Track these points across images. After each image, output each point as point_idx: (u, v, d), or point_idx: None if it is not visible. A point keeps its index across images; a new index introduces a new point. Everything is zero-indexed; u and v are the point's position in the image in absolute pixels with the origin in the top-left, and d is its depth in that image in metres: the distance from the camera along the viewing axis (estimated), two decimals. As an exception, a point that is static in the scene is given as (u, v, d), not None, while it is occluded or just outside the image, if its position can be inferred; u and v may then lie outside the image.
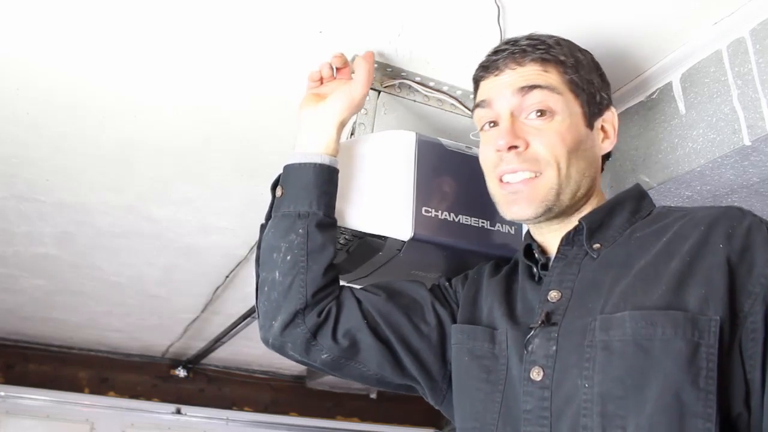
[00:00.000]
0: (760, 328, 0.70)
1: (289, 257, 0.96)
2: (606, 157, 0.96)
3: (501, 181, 0.89)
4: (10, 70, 1.26)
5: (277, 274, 0.96)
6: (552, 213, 0.88)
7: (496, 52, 0.93)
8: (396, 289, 1.02)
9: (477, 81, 0.96)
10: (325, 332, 0.96)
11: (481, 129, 0.94)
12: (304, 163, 0.99)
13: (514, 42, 0.92)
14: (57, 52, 1.20)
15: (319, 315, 0.96)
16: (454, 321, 0.99)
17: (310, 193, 0.97)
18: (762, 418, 0.69)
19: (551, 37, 0.93)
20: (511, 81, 0.89)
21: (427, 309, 1.00)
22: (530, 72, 0.89)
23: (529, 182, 0.86)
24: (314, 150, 1.00)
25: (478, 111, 0.94)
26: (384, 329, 0.97)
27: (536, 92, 0.87)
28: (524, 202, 0.87)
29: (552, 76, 0.89)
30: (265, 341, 1.00)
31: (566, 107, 0.88)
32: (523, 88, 0.88)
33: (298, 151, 1.01)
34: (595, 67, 0.96)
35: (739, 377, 0.70)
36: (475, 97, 0.97)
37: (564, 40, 0.94)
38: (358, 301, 0.99)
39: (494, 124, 0.91)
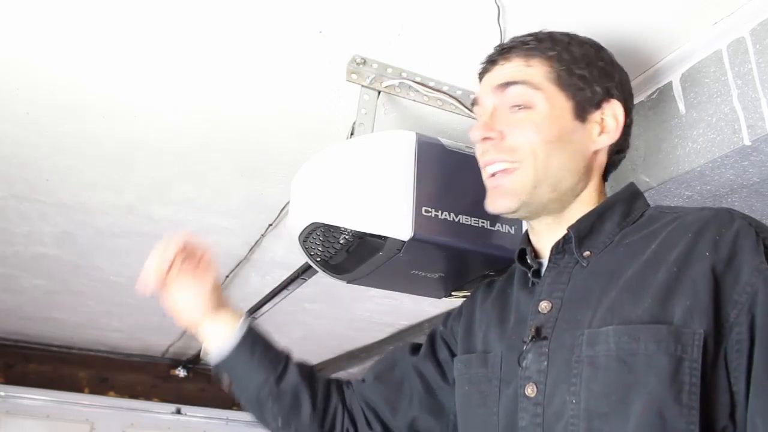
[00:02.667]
0: (745, 339, 0.68)
1: (279, 421, 1.04)
2: (614, 152, 0.93)
3: (486, 172, 0.90)
4: (10, 70, 1.26)
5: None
6: (530, 207, 0.87)
7: (497, 47, 0.94)
8: (383, 369, 1.10)
9: (479, 77, 0.97)
10: None
11: None
12: (227, 358, 1.04)
13: (519, 38, 0.92)
14: (57, 52, 1.20)
15: None
16: (445, 370, 1.04)
17: (254, 371, 1.03)
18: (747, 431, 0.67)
19: (551, 33, 0.92)
20: (494, 78, 0.91)
21: (412, 379, 1.06)
22: (512, 68, 0.89)
23: (506, 174, 0.86)
24: (223, 341, 1.04)
25: (475, 109, 0.95)
26: (382, 420, 1.06)
27: (513, 88, 0.88)
28: (501, 195, 0.87)
29: (534, 71, 0.88)
30: None
31: (546, 101, 0.87)
32: (500, 85, 0.89)
33: (214, 350, 1.05)
34: (596, 59, 0.92)
35: (724, 389, 0.68)
36: None
37: (567, 34, 0.93)
38: (361, 404, 1.07)
39: None
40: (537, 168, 0.85)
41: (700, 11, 1.04)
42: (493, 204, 0.89)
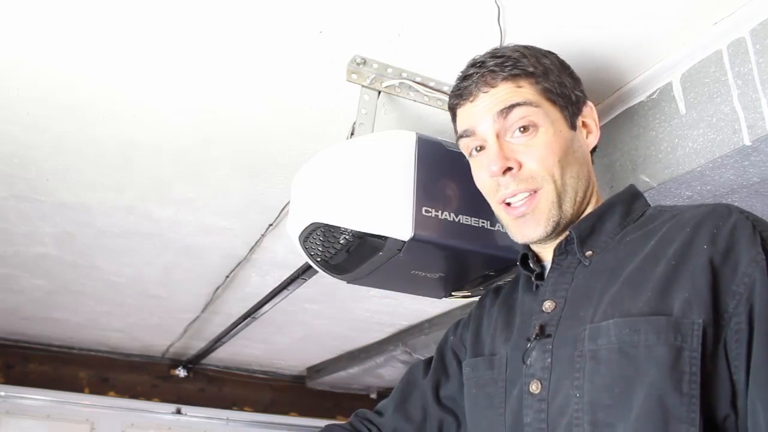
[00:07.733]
0: (745, 329, 0.69)
1: None
2: (592, 150, 0.96)
3: (504, 203, 0.89)
4: (10, 70, 1.26)
5: None
6: (560, 227, 0.88)
7: (465, 77, 0.92)
8: (401, 400, 1.10)
9: (453, 109, 0.96)
10: None
11: (470, 155, 0.94)
12: None
13: (480, 64, 0.91)
14: (57, 52, 1.20)
15: None
16: (455, 384, 1.05)
17: None
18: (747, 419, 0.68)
19: (515, 50, 0.92)
20: (488, 105, 0.89)
21: (430, 406, 1.06)
22: (504, 92, 0.88)
23: (530, 201, 0.86)
24: None
25: (463, 141, 0.93)
26: None
27: (516, 110, 0.87)
28: (532, 224, 0.87)
29: (526, 90, 0.88)
30: None
31: (546, 117, 0.88)
32: (502, 110, 0.87)
33: None
34: (563, 67, 0.95)
35: (725, 379, 0.70)
36: (455, 125, 0.97)
37: (527, 48, 0.93)
38: None
39: (481, 148, 0.91)
40: (557, 188, 0.86)
41: (700, 11, 1.04)
42: (525, 234, 0.88)
